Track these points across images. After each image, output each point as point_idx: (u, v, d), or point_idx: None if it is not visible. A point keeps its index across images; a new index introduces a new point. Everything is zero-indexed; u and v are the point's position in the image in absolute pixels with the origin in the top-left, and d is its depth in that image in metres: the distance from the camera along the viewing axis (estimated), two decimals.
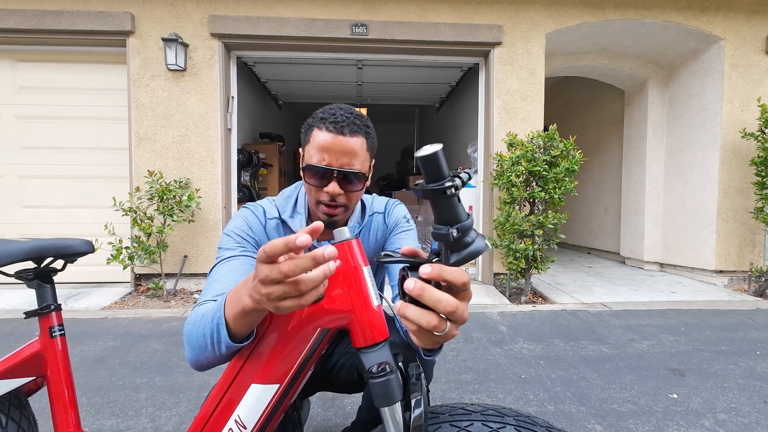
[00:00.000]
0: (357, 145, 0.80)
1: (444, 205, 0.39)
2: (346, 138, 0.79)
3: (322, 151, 0.79)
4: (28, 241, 0.83)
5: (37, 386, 0.88)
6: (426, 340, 0.43)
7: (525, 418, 0.56)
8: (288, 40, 3.57)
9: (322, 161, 0.79)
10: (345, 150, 0.79)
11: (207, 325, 0.56)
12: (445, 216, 0.40)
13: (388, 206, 1.02)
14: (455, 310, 0.40)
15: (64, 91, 3.64)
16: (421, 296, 0.39)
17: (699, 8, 3.72)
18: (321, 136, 0.79)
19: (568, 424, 1.49)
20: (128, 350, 2.19)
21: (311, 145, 0.81)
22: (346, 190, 0.81)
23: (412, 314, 0.40)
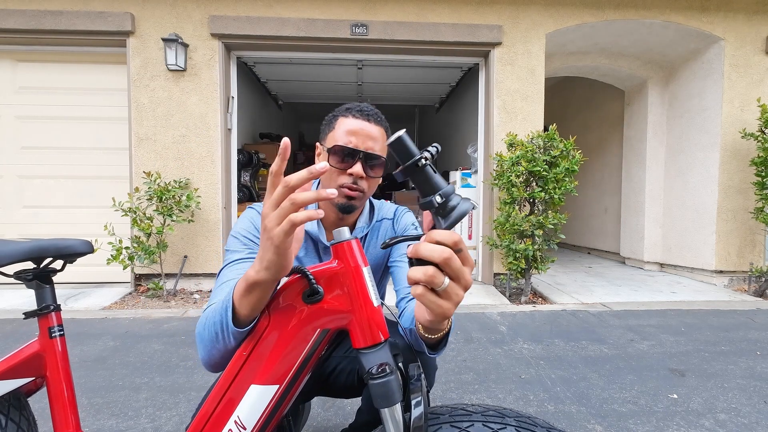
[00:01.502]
0: (380, 133, 0.87)
1: (422, 178, 0.43)
2: (372, 125, 0.86)
3: (349, 134, 0.84)
4: (28, 241, 0.83)
5: (36, 387, 0.88)
6: (432, 305, 0.45)
7: (525, 419, 0.56)
8: (288, 40, 3.57)
9: (349, 143, 0.83)
10: (371, 135, 0.85)
11: (216, 315, 0.57)
12: (427, 187, 0.43)
13: (397, 213, 1.04)
14: (450, 257, 0.43)
15: (64, 91, 3.64)
16: (417, 252, 0.43)
17: (699, 8, 3.72)
18: (348, 122, 0.85)
19: (568, 424, 1.49)
20: (128, 350, 2.19)
21: (336, 131, 0.85)
22: (368, 174, 0.85)
23: (413, 272, 0.44)
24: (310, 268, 0.55)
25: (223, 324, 0.55)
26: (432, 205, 0.44)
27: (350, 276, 0.54)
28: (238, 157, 3.93)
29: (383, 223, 1.01)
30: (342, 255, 0.55)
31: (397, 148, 0.43)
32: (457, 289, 0.45)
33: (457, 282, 0.45)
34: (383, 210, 1.03)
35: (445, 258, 0.43)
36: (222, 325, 0.55)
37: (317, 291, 0.53)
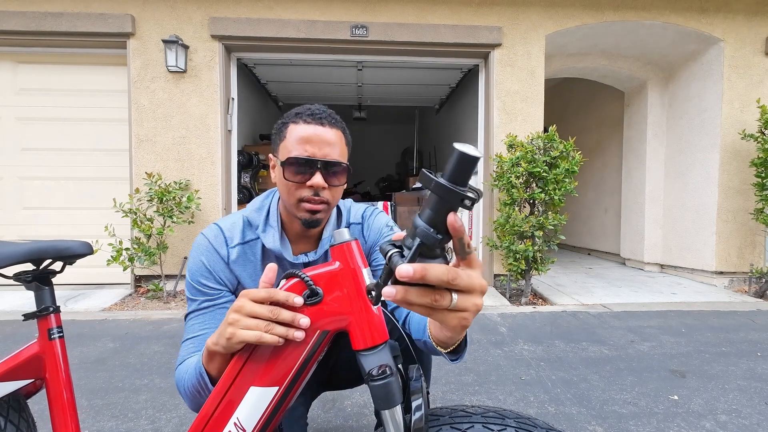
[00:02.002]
0: (337, 136, 0.79)
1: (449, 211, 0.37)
2: (327, 128, 0.78)
3: (303, 142, 0.76)
4: (27, 242, 0.83)
5: (36, 388, 0.88)
6: (445, 321, 0.40)
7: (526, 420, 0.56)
8: (288, 41, 3.57)
9: (304, 153, 0.75)
10: (327, 140, 0.77)
11: (193, 377, 0.64)
12: (442, 221, 0.37)
13: (366, 216, 0.94)
14: (456, 277, 0.37)
15: (64, 92, 3.64)
16: (425, 277, 0.35)
17: (698, 9, 3.72)
18: (300, 129, 0.77)
19: (568, 425, 1.49)
20: (128, 352, 2.18)
21: (288, 140, 0.77)
22: (330, 184, 0.78)
23: (415, 297, 0.37)
24: (309, 269, 0.55)
25: (201, 385, 0.62)
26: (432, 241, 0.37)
27: (350, 277, 0.54)
28: (238, 159, 3.93)
29: (351, 229, 0.92)
30: (342, 256, 0.55)
31: (466, 165, 0.35)
32: (474, 299, 0.39)
33: (471, 293, 0.39)
34: (351, 213, 0.94)
35: (451, 278, 0.36)
36: (200, 385, 0.63)
37: (317, 293, 0.53)
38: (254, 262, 0.83)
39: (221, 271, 0.80)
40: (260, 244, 0.83)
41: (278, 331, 0.51)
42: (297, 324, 0.52)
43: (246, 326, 0.51)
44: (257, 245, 0.83)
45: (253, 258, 0.83)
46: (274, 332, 0.51)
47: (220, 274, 0.80)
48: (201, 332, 0.75)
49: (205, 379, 0.61)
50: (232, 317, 0.53)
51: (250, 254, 0.83)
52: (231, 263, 0.81)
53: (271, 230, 0.83)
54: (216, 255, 0.80)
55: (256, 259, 0.83)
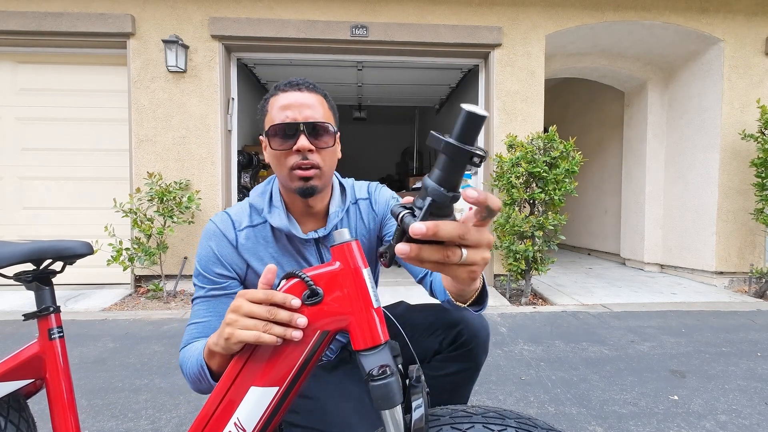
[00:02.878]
0: (317, 100, 0.79)
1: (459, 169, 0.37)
2: (305, 93, 0.78)
3: (283, 110, 0.76)
4: (27, 242, 0.83)
5: (36, 388, 0.88)
6: (456, 274, 0.42)
7: (526, 420, 0.56)
8: (288, 41, 3.57)
9: (285, 119, 0.75)
10: (306, 103, 0.76)
11: (194, 366, 0.66)
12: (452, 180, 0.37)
13: (371, 190, 0.95)
14: (466, 231, 0.38)
15: (64, 92, 3.64)
16: (437, 234, 0.36)
17: (698, 9, 3.72)
18: (279, 98, 0.77)
19: (568, 425, 1.49)
20: (128, 352, 2.18)
21: (270, 113, 0.78)
22: (317, 146, 0.77)
23: (428, 254, 0.38)
24: (310, 270, 0.55)
25: (201, 375, 0.65)
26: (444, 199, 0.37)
27: (350, 277, 0.54)
28: (238, 159, 3.94)
29: (360, 205, 0.92)
30: (342, 256, 0.55)
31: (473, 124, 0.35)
32: (482, 253, 0.41)
33: (479, 247, 0.40)
34: (357, 190, 0.94)
35: (461, 234, 0.38)
36: (200, 375, 0.65)
37: (317, 293, 0.53)
38: (265, 245, 0.84)
39: (229, 255, 0.81)
40: (269, 227, 0.84)
41: (276, 331, 0.52)
42: (294, 324, 0.52)
43: (244, 326, 0.52)
44: (266, 228, 0.84)
45: (264, 241, 0.84)
46: (272, 332, 0.51)
47: (229, 258, 0.81)
48: (205, 318, 0.78)
49: (205, 371, 0.64)
50: (230, 317, 0.53)
51: (261, 238, 0.84)
52: (240, 247, 0.82)
53: (276, 210, 0.84)
54: (224, 239, 0.81)
55: (267, 242, 0.84)
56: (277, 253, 0.85)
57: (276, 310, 0.52)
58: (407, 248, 0.38)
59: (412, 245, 0.38)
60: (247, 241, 0.83)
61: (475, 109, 0.35)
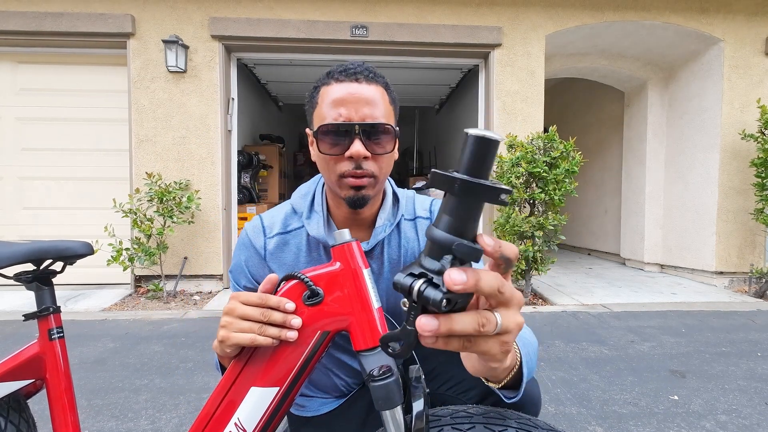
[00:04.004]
0: (378, 94, 0.66)
1: (477, 213, 0.30)
2: (363, 85, 0.65)
3: (336, 105, 0.64)
4: (27, 243, 0.83)
5: (36, 389, 0.88)
6: (491, 348, 0.31)
7: (526, 421, 0.56)
8: (288, 42, 3.57)
9: (338, 118, 0.64)
10: (364, 98, 0.64)
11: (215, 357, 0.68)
12: (470, 228, 0.30)
13: (433, 209, 0.80)
14: (504, 284, 0.30)
15: (64, 92, 3.64)
16: (479, 284, 0.28)
17: (698, 9, 3.72)
18: (332, 90, 0.65)
19: (568, 425, 1.49)
20: (128, 352, 2.18)
21: (321, 107, 0.66)
22: (373, 152, 0.65)
23: (461, 324, 0.29)
24: (309, 270, 0.55)
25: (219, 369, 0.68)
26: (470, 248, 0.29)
27: (350, 278, 0.54)
28: (238, 159, 3.94)
29: (418, 223, 0.78)
30: (342, 257, 0.55)
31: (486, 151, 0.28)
32: (515, 316, 0.31)
33: (510, 307, 0.31)
34: (416, 205, 0.80)
35: (501, 286, 0.29)
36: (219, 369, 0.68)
37: (317, 293, 0.53)
38: (296, 253, 0.75)
39: (255, 266, 0.76)
40: (305, 233, 0.75)
41: (271, 333, 0.51)
42: (289, 325, 0.52)
43: (239, 329, 0.52)
44: (301, 234, 0.75)
45: (296, 249, 0.75)
46: (266, 334, 0.51)
47: (254, 270, 0.76)
48: None
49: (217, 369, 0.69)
50: (225, 320, 0.53)
51: (293, 245, 0.75)
52: (267, 256, 0.75)
53: (316, 216, 0.74)
54: (253, 249, 0.75)
55: (299, 250, 0.75)
56: (308, 263, 0.75)
57: (270, 312, 0.52)
58: (434, 322, 0.28)
59: (441, 317, 0.28)
60: (276, 249, 0.75)
61: (485, 133, 0.28)
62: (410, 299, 0.30)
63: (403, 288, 0.30)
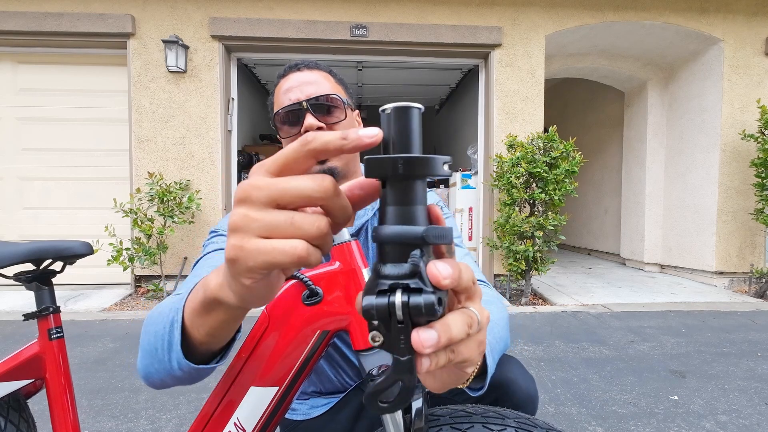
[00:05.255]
0: (320, 76, 0.72)
1: (425, 192, 0.25)
2: (305, 72, 0.71)
3: (284, 94, 0.70)
4: (27, 242, 0.83)
5: (36, 389, 0.88)
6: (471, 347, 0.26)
7: (526, 420, 0.56)
8: (288, 42, 3.57)
9: (288, 101, 0.70)
10: (307, 80, 0.70)
11: (161, 321, 0.41)
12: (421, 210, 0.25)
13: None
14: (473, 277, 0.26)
15: (64, 92, 3.64)
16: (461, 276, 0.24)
17: (698, 10, 3.72)
18: (281, 86, 0.72)
19: (568, 425, 1.49)
20: (128, 352, 2.18)
21: (275, 104, 0.72)
22: (326, 123, 0.69)
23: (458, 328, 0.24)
24: (308, 270, 0.55)
25: (165, 340, 0.39)
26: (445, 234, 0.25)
27: (350, 277, 0.54)
28: (238, 159, 3.93)
29: None
30: (342, 256, 0.55)
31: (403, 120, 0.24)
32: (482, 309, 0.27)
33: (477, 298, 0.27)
34: None
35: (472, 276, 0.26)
36: (164, 340, 0.39)
37: (316, 293, 0.53)
38: None
39: None
40: None
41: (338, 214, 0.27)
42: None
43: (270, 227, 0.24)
44: None
45: None
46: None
47: None
48: (212, 267, 0.59)
49: (173, 332, 0.38)
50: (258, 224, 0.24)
51: None
52: None
53: None
54: None
55: None
56: None
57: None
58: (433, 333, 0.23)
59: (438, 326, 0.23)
60: None
61: (404, 103, 0.25)
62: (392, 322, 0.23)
63: (380, 310, 0.23)
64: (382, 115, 0.25)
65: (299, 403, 0.86)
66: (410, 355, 0.24)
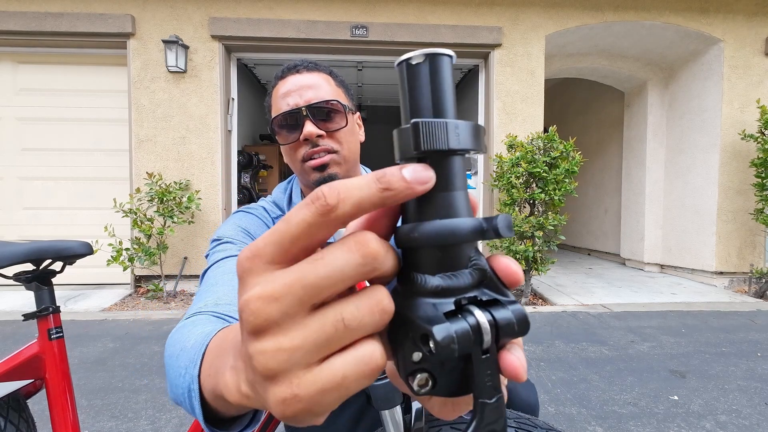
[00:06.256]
0: (320, 79, 0.69)
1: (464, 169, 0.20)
2: (304, 74, 0.68)
3: (283, 98, 0.67)
4: (27, 242, 0.83)
5: (35, 389, 0.88)
6: None
7: (526, 420, 0.56)
8: (288, 42, 3.57)
9: (286, 107, 0.67)
10: (306, 84, 0.67)
11: (180, 377, 0.34)
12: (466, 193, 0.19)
13: None
14: None
15: (64, 92, 3.64)
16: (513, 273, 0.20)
17: (698, 10, 3.72)
18: (279, 88, 0.69)
19: (568, 425, 1.49)
20: (128, 352, 2.18)
21: (273, 107, 0.70)
22: (327, 130, 0.67)
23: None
24: None
25: (188, 404, 0.33)
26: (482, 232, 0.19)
27: None
28: (238, 159, 3.94)
29: None
30: None
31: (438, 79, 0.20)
32: None
33: None
34: None
35: None
36: (188, 405, 0.33)
37: None
38: None
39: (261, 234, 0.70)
40: None
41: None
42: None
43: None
44: None
45: None
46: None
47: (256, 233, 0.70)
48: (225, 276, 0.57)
49: (195, 407, 0.32)
50: (302, 352, 0.17)
51: None
52: None
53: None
54: (255, 218, 0.73)
55: None
56: None
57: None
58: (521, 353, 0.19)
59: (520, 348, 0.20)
60: None
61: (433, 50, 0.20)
62: (476, 352, 0.18)
63: (463, 339, 0.17)
64: (402, 68, 0.19)
65: None
66: (500, 394, 0.18)
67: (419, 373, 0.18)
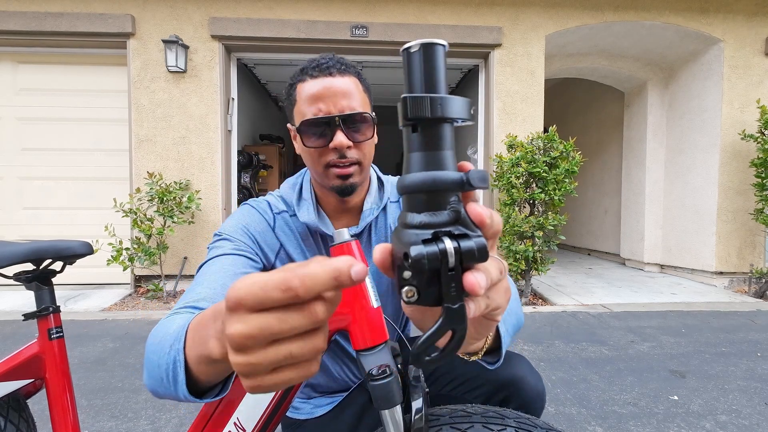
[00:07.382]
0: (352, 84, 0.69)
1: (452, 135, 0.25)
2: (337, 78, 0.68)
3: (314, 101, 0.67)
4: (27, 242, 0.83)
5: (35, 388, 0.88)
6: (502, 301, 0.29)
7: (526, 420, 0.56)
8: (288, 42, 3.57)
9: (318, 113, 0.67)
10: (341, 91, 0.67)
11: (164, 355, 0.41)
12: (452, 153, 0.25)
13: None
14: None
15: (64, 92, 3.64)
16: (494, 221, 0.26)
17: (698, 10, 3.72)
18: (308, 86, 0.68)
19: (568, 425, 1.49)
20: (128, 352, 2.18)
21: (299, 104, 0.69)
22: (355, 141, 0.68)
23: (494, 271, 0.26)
24: None
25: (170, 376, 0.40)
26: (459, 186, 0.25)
27: None
28: (238, 159, 3.94)
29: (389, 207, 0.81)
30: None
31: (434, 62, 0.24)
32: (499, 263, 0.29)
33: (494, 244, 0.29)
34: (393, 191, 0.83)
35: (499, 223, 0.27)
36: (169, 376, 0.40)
37: None
38: (297, 236, 0.75)
39: (262, 233, 0.72)
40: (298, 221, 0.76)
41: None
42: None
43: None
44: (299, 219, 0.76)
45: (298, 232, 0.76)
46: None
47: (261, 237, 0.72)
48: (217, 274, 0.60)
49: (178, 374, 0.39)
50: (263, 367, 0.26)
51: (296, 227, 0.76)
52: (276, 228, 0.74)
53: (305, 203, 0.75)
54: (258, 215, 0.74)
55: (301, 234, 0.76)
56: (306, 247, 0.76)
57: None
58: (482, 276, 0.24)
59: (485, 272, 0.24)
60: (285, 225, 0.75)
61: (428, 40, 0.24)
62: (443, 270, 0.23)
63: (431, 259, 0.23)
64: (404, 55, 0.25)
65: (303, 403, 0.87)
66: (461, 302, 0.24)
67: (407, 286, 0.24)
